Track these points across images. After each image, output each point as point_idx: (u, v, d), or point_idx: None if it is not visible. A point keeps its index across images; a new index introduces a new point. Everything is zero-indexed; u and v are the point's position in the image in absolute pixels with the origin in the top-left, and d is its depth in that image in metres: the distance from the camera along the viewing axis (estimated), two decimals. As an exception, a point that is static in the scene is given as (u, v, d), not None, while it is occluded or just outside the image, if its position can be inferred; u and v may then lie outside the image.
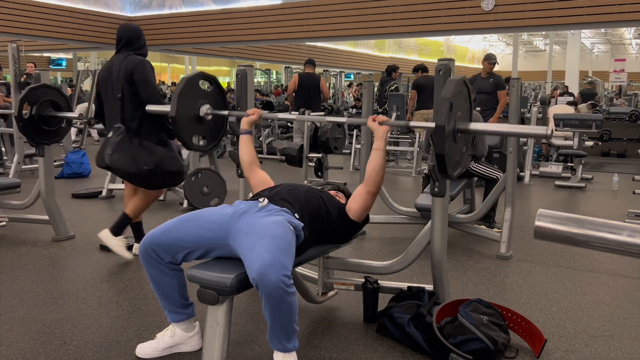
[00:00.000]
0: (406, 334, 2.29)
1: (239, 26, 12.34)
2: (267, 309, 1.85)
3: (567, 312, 2.75)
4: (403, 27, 10.57)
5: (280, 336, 1.91)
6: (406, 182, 7.06)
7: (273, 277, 1.78)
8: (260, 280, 1.80)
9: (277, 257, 1.84)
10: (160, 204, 5.22)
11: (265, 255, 1.84)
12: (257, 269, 1.81)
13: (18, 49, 5.82)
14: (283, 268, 1.83)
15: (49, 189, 3.82)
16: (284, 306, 1.83)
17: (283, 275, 1.80)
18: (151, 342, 2.24)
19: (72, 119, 3.84)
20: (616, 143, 9.98)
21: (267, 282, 1.79)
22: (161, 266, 2.09)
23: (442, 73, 2.32)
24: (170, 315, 2.22)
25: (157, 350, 2.20)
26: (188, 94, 2.56)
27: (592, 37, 25.71)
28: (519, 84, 3.84)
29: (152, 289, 2.18)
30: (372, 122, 2.33)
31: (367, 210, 2.39)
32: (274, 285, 1.78)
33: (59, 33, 12.60)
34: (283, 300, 1.82)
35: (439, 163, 2.13)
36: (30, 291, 2.91)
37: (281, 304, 1.82)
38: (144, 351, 2.21)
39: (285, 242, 1.94)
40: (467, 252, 3.81)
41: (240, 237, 2.01)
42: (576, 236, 0.84)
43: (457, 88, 2.14)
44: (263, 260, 1.82)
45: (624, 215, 4.77)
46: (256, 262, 1.83)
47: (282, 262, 1.85)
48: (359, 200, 2.35)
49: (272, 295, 1.80)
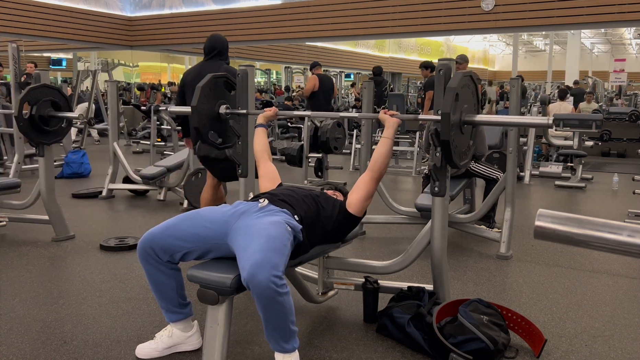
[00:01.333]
0: (406, 334, 2.29)
1: (239, 26, 12.34)
2: (259, 309, 1.85)
3: (567, 312, 2.75)
4: (403, 27, 10.57)
5: (276, 337, 1.91)
6: (406, 182, 7.06)
7: (262, 277, 1.77)
8: (250, 280, 1.79)
9: (268, 257, 1.83)
10: (160, 203, 5.23)
11: (257, 255, 1.83)
12: (248, 269, 1.81)
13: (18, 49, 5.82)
14: (273, 268, 1.81)
15: (49, 189, 3.82)
16: (276, 306, 1.82)
17: (273, 276, 1.79)
18: (150, 342, 2.24)
19: (72, 119, 3.83)
20: (616, 143, 9.98)
21: (256, 282, 1.78)
22: (159, 265, 2.09)
23: (442, 73, 2.32)
24: (168, 315, 2.21)
25: (157, 350, 2.20)
26: (210, 91, 2.63)
27: (592, 37, 25.70)
28: (519, 84, 3.84)
29: (150, 288, 2.18)
30: (384, 114, 2.50)
31: (369, 200, 2.39)
32: (264, 285, 1.78)
33: (59, 33, 12.60)
34: (274, 300, 1.80)
35: (445, 151, 2.19)
36: (30, 291, 2.91)
37: (273, 304, 1.81)
38: (144, 351, 2.21)
39: (278, 242, 1.93)
40: (467, 252, 3.81)
41: (237, 237, 2.01)
42: (576, 236, 0.84)
43: (462, 81, 2.21)
44: (254, 260, 1.82)
45: (624, 215, 4.77)
46: (247, 262, 1.83)
47: (273, 262, 1.83)
48: (362, 187, 2.37)
49: (262, 296, 1.80)
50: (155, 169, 5.35)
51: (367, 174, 2.40)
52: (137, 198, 5.55)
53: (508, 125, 3.94)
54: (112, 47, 14.54)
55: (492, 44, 28.79)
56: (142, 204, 5.31)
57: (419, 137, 7.76)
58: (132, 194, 5.66)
